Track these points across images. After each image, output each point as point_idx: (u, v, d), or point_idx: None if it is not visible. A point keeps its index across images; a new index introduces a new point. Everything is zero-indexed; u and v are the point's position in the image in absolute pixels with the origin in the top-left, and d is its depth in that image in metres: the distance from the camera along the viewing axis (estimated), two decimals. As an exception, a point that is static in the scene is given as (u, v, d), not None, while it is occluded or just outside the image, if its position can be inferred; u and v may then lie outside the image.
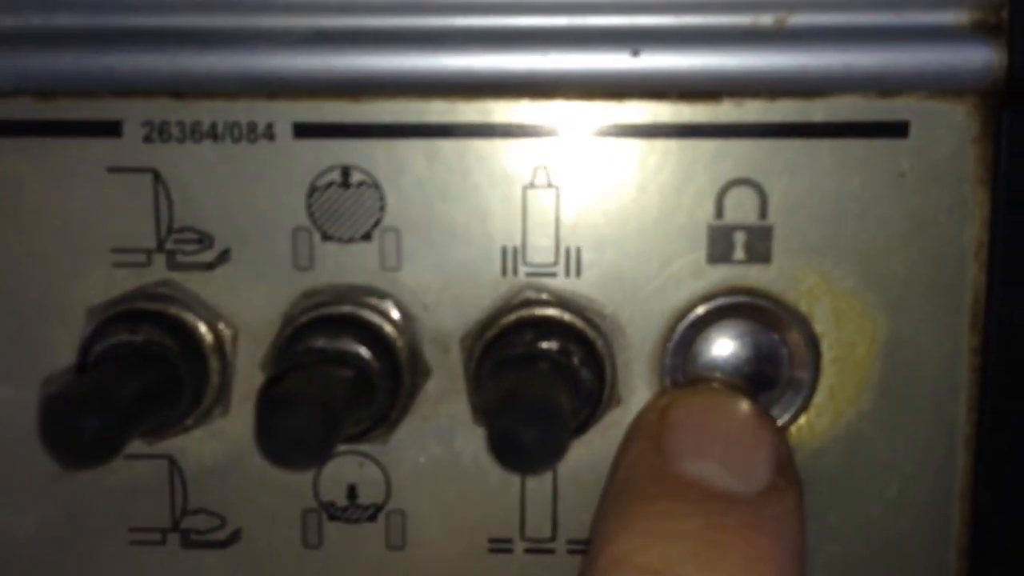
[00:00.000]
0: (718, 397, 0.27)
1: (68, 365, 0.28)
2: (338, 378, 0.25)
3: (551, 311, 0.28)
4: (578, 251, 0.28)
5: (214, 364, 0.27)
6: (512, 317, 0.27)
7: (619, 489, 0.26)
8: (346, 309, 0.27)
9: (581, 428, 0.28)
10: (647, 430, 0.27)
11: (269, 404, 0.23)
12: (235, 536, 0.29)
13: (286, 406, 0.23)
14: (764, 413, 0.27)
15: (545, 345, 0.27)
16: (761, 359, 0.28)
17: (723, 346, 0.28)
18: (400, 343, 0.27)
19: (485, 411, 0.27)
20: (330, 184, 0.28)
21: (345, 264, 0.28)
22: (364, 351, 0.27)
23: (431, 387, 0.28)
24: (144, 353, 0.26)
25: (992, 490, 0.28)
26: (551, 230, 0.28)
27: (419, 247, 0.28)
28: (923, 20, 0.27)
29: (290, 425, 0.23)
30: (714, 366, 0.28)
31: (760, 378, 0.28)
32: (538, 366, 0.26)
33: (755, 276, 0.28)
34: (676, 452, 0.26)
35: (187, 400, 0.27)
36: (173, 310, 0.27)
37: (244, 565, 0.29)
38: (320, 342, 0.27)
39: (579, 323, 0.27)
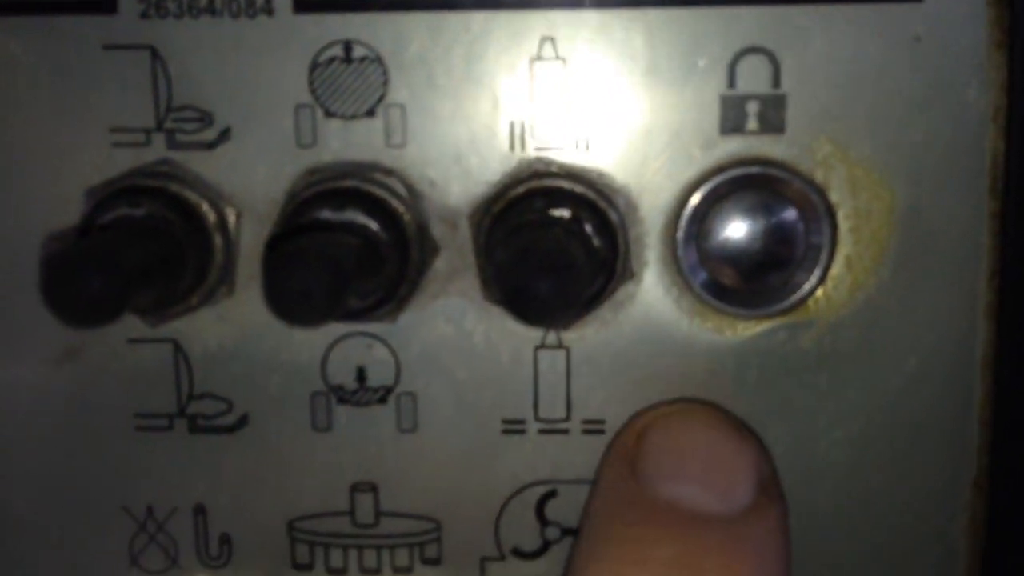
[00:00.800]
0: (697, 415, 0.27)
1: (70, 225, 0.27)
2: (344, 243, 0.25)
3: (562, 182, 0.27)
4: (587, 125, 0.27)
5: (218, 241, 0.27)
6: (521, 189, 0.27)
7: (594, 517, 0.26)
8: (351, 183, 0.27)
9: (594, 300, 0.27)
10: (623, 453, 0.26)
11: (276, 257, 0.23)
12: (243, 421, 0.29)
13: (293, 258, 0.22)
14: (745, 429, 0.27)
15: (556, 212, 0.26)
16: (776, 230, 0.27)
17: (737, 221, 0.27)
18: (408, 217, 0.27)
19: (499, 268, 0.26)
20: (332, 59, 0.27)
21: (349, 141, 0.27)
22: (371, 222, 0.26)
23: (440, 265, 0.28)
24: (146, 225, 0.26)
25: (1015, 358, 0.28)
26: (559, 104, 0.27)
27: (424, 123, 0.27)
28: None
29: (297, 277, 0.22)
30: (728, 241, 0.28)
31: (775, 252, 0.27)
32: (551, 231, 0.26)
33: (769, 146, 0.27)
34: (652, 476, 0.25)
35: (190, 275, 0.26)
36: (174, 187, 0.27)
37: (252, 450, 0.29)
38: (325, 213, 0.26)
39: (591, 194, 0.27)
